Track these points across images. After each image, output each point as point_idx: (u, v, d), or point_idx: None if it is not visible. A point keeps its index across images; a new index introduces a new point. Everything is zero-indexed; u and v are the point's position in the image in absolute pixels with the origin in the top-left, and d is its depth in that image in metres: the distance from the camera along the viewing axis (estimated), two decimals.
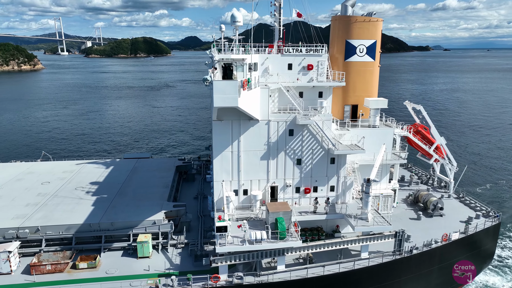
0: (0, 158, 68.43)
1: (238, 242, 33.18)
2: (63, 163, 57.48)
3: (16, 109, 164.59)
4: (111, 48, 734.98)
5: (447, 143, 54.55)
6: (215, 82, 28.73)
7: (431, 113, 55.73)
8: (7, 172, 52.27)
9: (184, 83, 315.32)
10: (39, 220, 38.24)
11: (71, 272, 34.72)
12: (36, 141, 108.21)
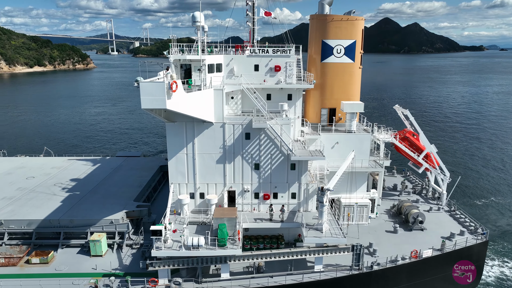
0: (26, 151, 72.08)
1: (176, 247, 32.60)
2: (56, 159, 59.91)
3: (70, 106, 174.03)
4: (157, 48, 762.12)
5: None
6: (141, 83, 28.37)
7: (483, 120, 51.28)
8: (3, 166, 55.37)
9: None
10: (5, 214, 39.96)
11: (24, 266, 35.93)
12: (71, 137, 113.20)
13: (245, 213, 38.88)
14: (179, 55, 36.77)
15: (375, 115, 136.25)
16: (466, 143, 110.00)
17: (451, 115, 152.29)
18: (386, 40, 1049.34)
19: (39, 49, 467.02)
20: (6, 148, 67.33)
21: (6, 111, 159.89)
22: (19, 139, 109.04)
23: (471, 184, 77.95)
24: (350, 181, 42.35)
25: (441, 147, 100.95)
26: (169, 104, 29.05)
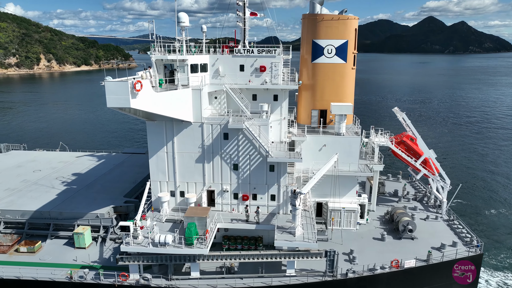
0: (49, 146, 76.38)
1: (145, 244, 33.29)
2: (66, 154, 62.96)
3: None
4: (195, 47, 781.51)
5: None
6: (106, 83, 29.19)
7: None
8: (17, 159, 59.04)
9: None
10: (4, 204, 42.61)
11: (12, 254, 38.17)
12: (98, 132, 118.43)
13: (223, 213, 38.93)
14: (161, 55, 37.44)
15: (387, 118, 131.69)
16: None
17: (498, 119, 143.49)
18: (430, 40, 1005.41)
19: (86, 49, 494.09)
20: (26, 142, 71.68)
21: (56, 108, 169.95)
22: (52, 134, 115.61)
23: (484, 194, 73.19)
24: (336, 185, 41.21)
25: (474, 155, 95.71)
26: (133, 103, 29.72)
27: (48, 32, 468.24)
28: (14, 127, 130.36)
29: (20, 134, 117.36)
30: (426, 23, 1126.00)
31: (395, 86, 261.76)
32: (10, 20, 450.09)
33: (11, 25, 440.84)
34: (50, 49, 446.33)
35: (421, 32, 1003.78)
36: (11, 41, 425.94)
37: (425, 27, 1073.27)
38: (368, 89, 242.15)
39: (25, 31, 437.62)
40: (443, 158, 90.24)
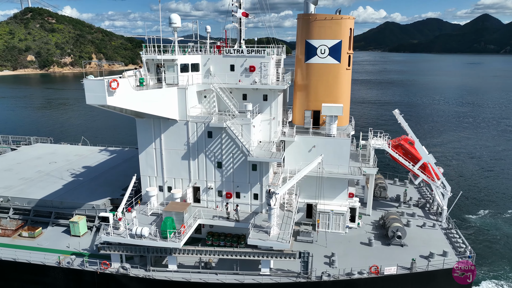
0: (75, 140, 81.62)
1: (125, 235, 34.92)
2: (83, 148, 66.85)
3: None
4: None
5: None
6: (85, 81, 30.97)
7: None
8: (39, 151, 63.68)
9: None
10: (15, 192, 46.31)
11: (16, 238, 41.46)
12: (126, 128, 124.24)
13: (207, 209, 39.81)
14: (151, 55, 39.00)
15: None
16: None
17: None
18: (483, 39, 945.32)
19: (134, 49, 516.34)
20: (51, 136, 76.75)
21: None
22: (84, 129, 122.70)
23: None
24: (321, 186, 40.76)
25: None
26: (110, 101, 31.33)
27: (99, 33, 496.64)
28: (60, 121, 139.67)
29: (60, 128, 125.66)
30: (480, 21, 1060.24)
31: (442, 88, 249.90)
32: (67, 22, 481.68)
33: (67, 26, 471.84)
34: (101, 49, 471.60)
35: (474, 31, 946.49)
36: (67, 41, 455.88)
37: (478, 25, 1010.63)
38: (411, 91, 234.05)
39: (80, 32, 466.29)
40: (482, 169, 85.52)
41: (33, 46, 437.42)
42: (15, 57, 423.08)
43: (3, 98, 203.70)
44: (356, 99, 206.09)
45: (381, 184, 51.82)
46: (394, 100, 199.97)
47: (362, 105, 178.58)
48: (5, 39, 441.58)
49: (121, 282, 35.49)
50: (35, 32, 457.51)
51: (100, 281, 35.80)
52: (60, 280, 36.83)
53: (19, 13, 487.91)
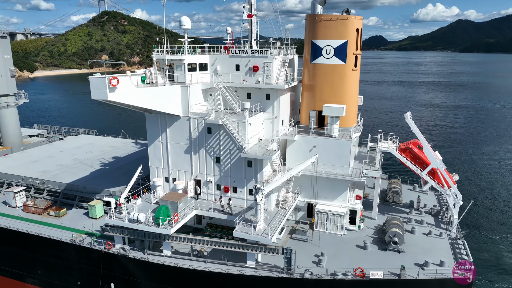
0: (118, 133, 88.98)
1: (125, 219, 38.21)
2: (119, 140, 72.54)
3: None
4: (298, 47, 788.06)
5: None
6: (91, 78, 34.50)
7: None
8: (81, 141, 70.48)
9: (364, 84, 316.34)
10: (49, 176, 52.26)
11: (44, 216, 46.95)
12: None
13: (205, 201, 41.93)
14: (161, 55, 42.03)
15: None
16: None
17: None
18: None
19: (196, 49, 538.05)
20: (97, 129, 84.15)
21: None
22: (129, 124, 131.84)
23: None
24: (316, 186, 40.98)
25: None
26: (111, 96, 34.58)
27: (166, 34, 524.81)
28: (110, 116, 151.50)
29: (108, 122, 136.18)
30: None
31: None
32: (137, 24, 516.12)
33: (137, 28, 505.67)
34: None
35: None
36: (136, 42, 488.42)
37: None
38: (487, 94, 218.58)
39: (148, 33, 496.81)
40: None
41: (107, 46, 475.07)
42: (91, 56, 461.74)
43: (82, 94, 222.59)
44: (417, 102, 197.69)
45: (395, 189, 50.25)
46: (464, 104, 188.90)
47: (423, 109, 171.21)
48: (84, 40, 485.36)
49: (121, 262, 38.87)
50: (110, 34, 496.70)
51: (104, 259, 39.51)
52: (73, 255, 41.21)
53: (97, 16, 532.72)
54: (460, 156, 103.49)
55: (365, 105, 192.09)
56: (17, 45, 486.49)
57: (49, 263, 43.12)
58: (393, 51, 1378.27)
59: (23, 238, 43.30)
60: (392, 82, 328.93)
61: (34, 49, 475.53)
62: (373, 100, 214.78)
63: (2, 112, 64.38)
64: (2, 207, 49.27)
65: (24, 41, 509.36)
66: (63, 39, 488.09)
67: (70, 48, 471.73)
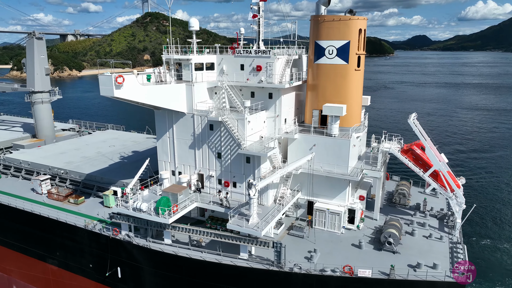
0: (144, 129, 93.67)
1: (128, 207, 40.88)
2: (141, 136, 76.31)
3: None
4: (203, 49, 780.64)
5: None
6: (99, 76, 37.35)
7: None
8: (107, 136, 75.00)
9: (405, 85, 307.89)
10: (72, 167, 56.48)
11: (65, 203, 50.95)
12: None
13: (206, 195, 43.87)
14: (170, 55, 44.46)
15: None
16: None
17: None
18: None
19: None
20: (126, 125, 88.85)
21: None
22: None
23: None
24: (312, 184, 41.68)
25: None
26: (117, 93, 37.23)
27: (205, 34, 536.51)
28: (140, 113, 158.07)
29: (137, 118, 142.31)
30: None
31: None
32: (178, 25, 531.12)
33: (178, 28, 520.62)
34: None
35: None
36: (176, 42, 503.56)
37: None
38: None
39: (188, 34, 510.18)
40: None
41: (150, 46, 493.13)
42: (134, 56, 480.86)
43: None
44: (462, 105, 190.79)
45: (402, 191, 49.71)
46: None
47: (467, 112, 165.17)
48: (128, 41, 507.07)
49: (126, 248, 41.65)
50: (152, 34, 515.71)
51: (111, 244, 42.49)
52: (85, 239, 44.60)
53: (140, 18, 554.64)
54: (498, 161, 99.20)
55: (399, 107, 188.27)
56: (68, 46, 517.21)
57: (66, 245, 46.88)
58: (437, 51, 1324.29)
59: (44, 222, 47.36)
60: (436, 84, 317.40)
61: (82, 49, 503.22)
62: (413, 102, 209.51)
63: (37, 107, 69.99)
64: (30, 193, 53.96)
65: (73, 42, 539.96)
66: (109, 40, 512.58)
67: (115, 48, 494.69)
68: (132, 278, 42.79)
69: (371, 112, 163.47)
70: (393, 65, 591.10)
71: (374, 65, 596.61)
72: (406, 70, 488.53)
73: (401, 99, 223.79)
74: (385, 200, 51.29)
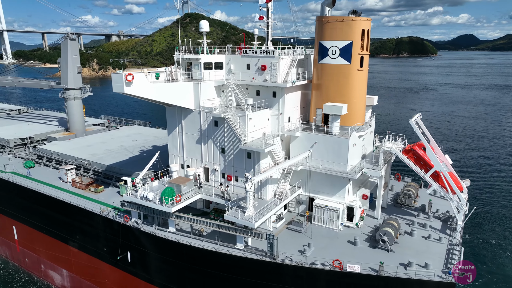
0: None
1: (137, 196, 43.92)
2: (165, 132, 79.76)
3: None
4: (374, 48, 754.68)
5: None
6: (112, 74, 40.53)
7: None
8: (131, 131, 79.45)
9: (449, 86, 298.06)
10: (95, 158, 60.81)
11: (86, 191, 55.21)
12: None
13: (210, 187, 46.16)
14: (181, 55, 47.16)
15: None
16: None
17: None
18: None
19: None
20: (152, 121, 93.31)
21: None
22: None
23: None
24: (309, 180, 42.77)
25: None
26: (127, 90, 40.28)
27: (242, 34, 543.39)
28: None
29: None
30: None
31: None
32: (216, 25, 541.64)
33: (216, 29, 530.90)
34: None
35: None
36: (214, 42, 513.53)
37: None
38: None
39: (226, 34, 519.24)
40: None
41: None
42: None
43: None
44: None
45: (408, 192, 49.55)
46: None
47: None
48: (168, 41, 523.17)
49: (135, 234, 44.79)
50: (191, 35, 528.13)
51: (122, 230, 45.81)
52: (100, 224, 48.29)
53: (180, 18, 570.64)
54: None
55: (442, 110, 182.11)
56: (112, 46, 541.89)
57: (84, 230, 50.91)
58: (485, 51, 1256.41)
59: (67, 207, 51.66)
60: (483, 86, 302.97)
61: (125, 49, 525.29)
62: (457, 105, 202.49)
63: (69, 103, 75.57)
64: (58, 181, 58.78)
65: (117, 42, 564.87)
66: (150, 40, 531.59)
67: (155, 48, 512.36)
68: (140, 262, 45.90)
69: (405, 114, 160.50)
70: (436, 66, 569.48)
71: (415, 65, 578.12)
72: (450, 71, 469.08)
73: (444, 102, 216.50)
74: (391, 200, 51.31)
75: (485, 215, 73.08)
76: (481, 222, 70.45)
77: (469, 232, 64.96)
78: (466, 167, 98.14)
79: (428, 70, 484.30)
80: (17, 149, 72.32)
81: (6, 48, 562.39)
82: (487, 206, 76.87)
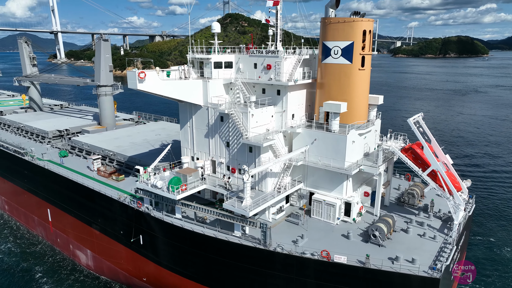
0: None
1: (148, 184, 47.76)
2: None
3: None
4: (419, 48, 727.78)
5: None
6: (127, 72, 44.48)
7: None
8: (157, 127, 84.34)
9: (501, 89, 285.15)
10: (120, 150, 65.83)
11: (109, 179, 60.15)
12: None
13: (215, 179, 49.14)
14: (193, 55, 50.53)
15: None
16: None
17: None
18: None
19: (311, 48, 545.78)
20: None
21: None
22: None
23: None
24: (306, 175, 44.48)
25: None
26: (140, 86, 44.08)
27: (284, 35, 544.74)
28: None
29: None
30: None
31: None
32: (256, 25, 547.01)
33: (256, 29, 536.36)
34: None
35: None
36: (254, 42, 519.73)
37: None
38: None
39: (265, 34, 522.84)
40: None
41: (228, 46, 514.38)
42: None
43: None
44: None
45: (411, 191, 49.88)
46: None
47: None
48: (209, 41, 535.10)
49: (146, 219, 48.70)
50: (231, 35, 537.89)
51: (136, 215, 49.90)
52: (118, 209, 52.75)
53: (221, 19, 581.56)
54: None
55: (491, 114, 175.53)
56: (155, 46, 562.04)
57: (105, 214, 55.70)
58: None
59: (91, 193, 56.71)
60: None
61: (167, 49, 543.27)
62: (508, 108, 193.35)
63: (101, 99, 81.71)
64: (86, 170, 64.32)
65: (160, 42, 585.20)
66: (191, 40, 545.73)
67: None
68: (150, 245, 49.78)
69: (452, 118, 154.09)
70: (487, 67, 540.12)
71: (464, 66, 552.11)
72: (503, 73, 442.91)
73: (495, 105, 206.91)
74: (395, 199, 51.80)
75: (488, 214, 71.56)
76: (484, 222, 68.99)
77: (473, 231, 63.65)
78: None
79: (478, 72, 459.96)
80: (55, 140, 79.33)
81: (60, 48, 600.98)
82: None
